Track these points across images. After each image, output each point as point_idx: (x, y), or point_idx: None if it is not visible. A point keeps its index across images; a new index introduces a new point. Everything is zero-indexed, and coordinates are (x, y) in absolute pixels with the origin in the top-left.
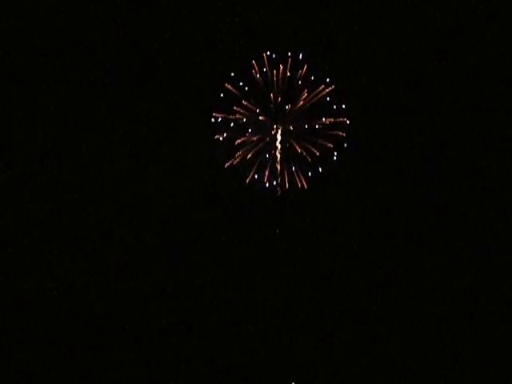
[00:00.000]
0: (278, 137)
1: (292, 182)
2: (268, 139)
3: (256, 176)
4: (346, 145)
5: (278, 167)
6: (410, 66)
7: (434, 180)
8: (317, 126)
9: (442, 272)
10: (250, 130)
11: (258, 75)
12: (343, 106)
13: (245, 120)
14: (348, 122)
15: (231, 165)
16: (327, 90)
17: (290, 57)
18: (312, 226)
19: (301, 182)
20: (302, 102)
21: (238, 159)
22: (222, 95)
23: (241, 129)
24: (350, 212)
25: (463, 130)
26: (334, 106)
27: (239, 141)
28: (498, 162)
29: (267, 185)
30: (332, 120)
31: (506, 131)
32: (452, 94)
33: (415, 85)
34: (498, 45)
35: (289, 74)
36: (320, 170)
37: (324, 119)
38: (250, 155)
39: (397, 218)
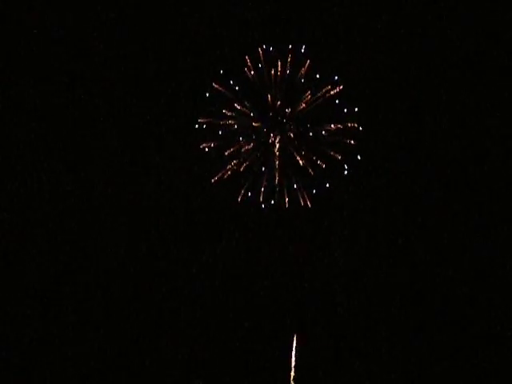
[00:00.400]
0: (277, 146)
1: (293, 201)
2: (264, 149)
3: (249, 193)
4: (359, 157)
5: (276, 182)
6: (431, 61)
7: (461, 203)
8: (323, 133)
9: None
10: (242, 138)
11: (252, 72)
12: (356, 110)
13: (236, 126)
14: (360, 128)
15: (220, 179)
16: (334, 91)
17: (290, 51)
18: (316, 252)
19: (304, 200)
20: (304, 105)
21: (228, 173)
22: (208, 96)
23: (232, 136)
24: (363, 237)
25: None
26: (345, 110)
27: (230, 151)
28: None
29: (263, 205)
30: (340, 126)
31: None
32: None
33: (438, 83)
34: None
35: (289, 71)
36: (327, 185)
37: (332, 125)
38: (242, 168)
39: (419, 244)
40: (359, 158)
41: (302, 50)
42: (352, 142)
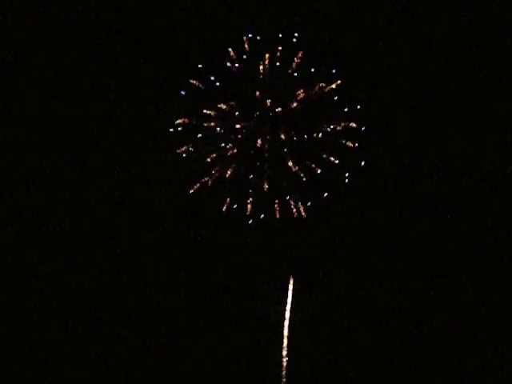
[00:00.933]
0: (266, 150)
1: (285, 211)
2: (251, 153)
3: (235, 205)
4: (363, 162)
5: (266, 190)
6: (442, 53)
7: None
8: (319, 135)
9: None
10: (226, 142)
11: (236, 65)
12: (358, 107)
13: (219, 128)
14: (362, 128)
15: (200, 189)
16: (332, 86)
17: (280, 40)
18: (315, 271)
19: (297, 210)
20: (297, 103)
21: (210, 181)
22: (184, 94)
23: (214, 140)
24: (366, 252)
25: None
26: (346, 109)
27: (211, 156)
28: None
29: (250, 220)
30: (338, 126)
31: None
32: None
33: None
34: None
35: (279, 63)
36: (325, 195)
37: (329, 126)
38: (227, 175)
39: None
40: (363, 163)
41: (294, 39)
42: (352, 144)
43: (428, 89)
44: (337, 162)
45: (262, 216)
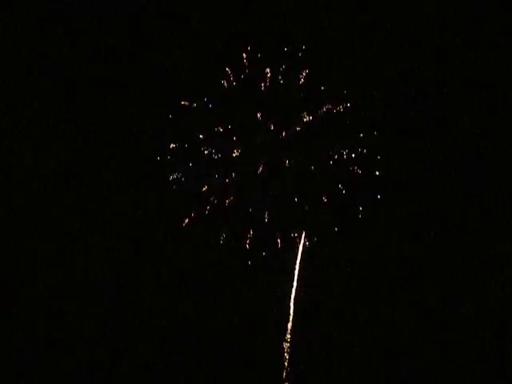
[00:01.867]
0: (267, 178)
1: (288, 246)
2: (251, 182)
3: (233, 241)
4: (379, 196)
5: (266, 222)
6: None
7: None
8: (329, 162)
9: None
10: (223, 169)
11: (233, 84)
12: (375, 133)
13: (214, 155)
14: (378, 157)
15: (194, 222)
16: (342, 107)
17: (283, 56)
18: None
19: (303, 245)
20: (300, 127)
21: (204, 213)
22: (175, 116)
23: (209, 167)
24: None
25: None
26: (361, 135)
27: (206, 186)
28: None
29: (249, 262)
30: (348, 152)
31: None
32: None
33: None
34: None
35: (282, 81)
36: (336, 229)
37: (335, 152)
38: (227, 204)
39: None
40: (379, 196)
41: (300, 54)
42: (360, 171)
43: (452, 112)
44: (343, 191)
45: (264, 253)
